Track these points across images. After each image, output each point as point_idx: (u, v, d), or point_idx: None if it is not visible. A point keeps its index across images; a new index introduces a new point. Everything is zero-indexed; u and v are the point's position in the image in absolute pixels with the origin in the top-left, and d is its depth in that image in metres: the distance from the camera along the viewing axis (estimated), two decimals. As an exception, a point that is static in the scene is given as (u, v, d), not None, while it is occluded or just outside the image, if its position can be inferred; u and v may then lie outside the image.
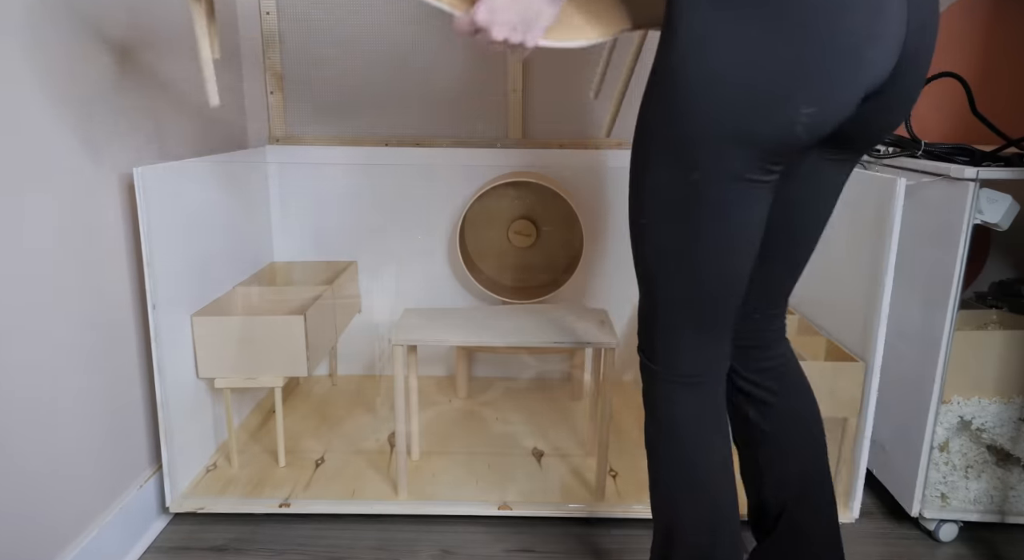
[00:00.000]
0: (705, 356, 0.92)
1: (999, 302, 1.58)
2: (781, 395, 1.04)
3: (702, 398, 0.94)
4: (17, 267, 1.02)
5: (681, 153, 0.80)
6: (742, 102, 0.75)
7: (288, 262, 1.88)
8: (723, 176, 0.80)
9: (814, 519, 1.07)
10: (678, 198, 0.83)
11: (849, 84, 0.75)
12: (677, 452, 0.94)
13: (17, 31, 1.01)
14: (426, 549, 1.33)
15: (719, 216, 0.82)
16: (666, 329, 0.91)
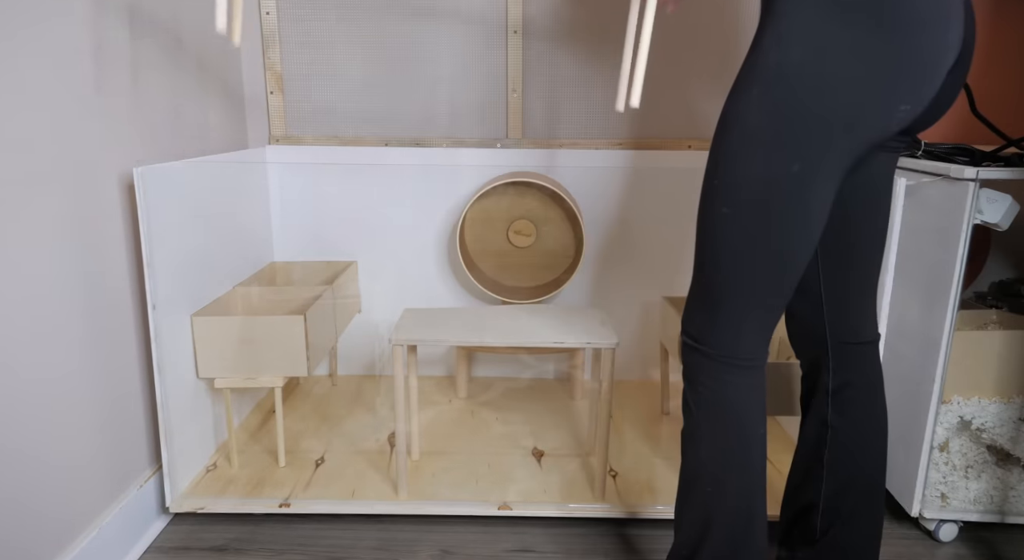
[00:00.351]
0: (761, 340, 0.95)
1: (999, 302, 1.58)
2: (864, 401, 1.06)
3: (753, 380, 0.96)
4: (17, 267, 1.02)
5: (785, 146, 0.84)
6: (850, 98, 0.81)
7: (288, 262, 1.88)
8: (822, 168, 0.85)
9: (861, 537, 1.07)
10: (772, 188, 0.87)
11: (933, 82, 0.83)
12: (730, 433, 0.96)
13: (17, 31, 1.01)
14: (426, 549, 1.33)
15: (807, 206, 0.87)
16: (730, 313, 0.94)
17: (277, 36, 1.79)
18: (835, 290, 1.04)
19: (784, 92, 0.83)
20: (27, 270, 1.04)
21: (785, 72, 0.82)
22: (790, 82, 0.82)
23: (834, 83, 0.81)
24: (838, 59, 0.80)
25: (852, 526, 1.08)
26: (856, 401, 1.06)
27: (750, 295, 0.93)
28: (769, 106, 0.84)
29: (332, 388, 1.90)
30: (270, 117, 1.84)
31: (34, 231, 1.05)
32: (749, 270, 0.91)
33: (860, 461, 1.07)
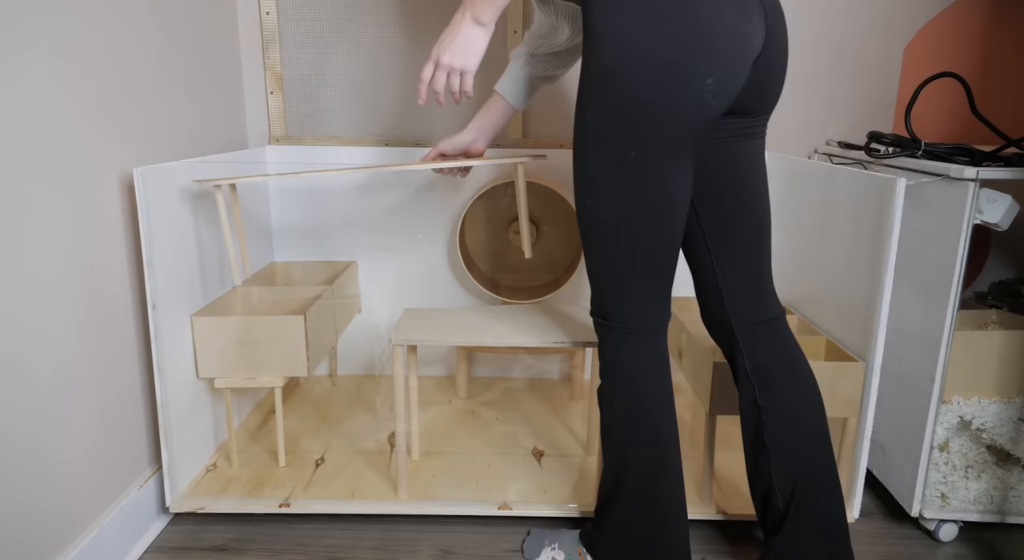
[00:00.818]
0: (650, 309, 1.07)
1: (999, 302, 1.58)
2: (785, 375, 1.14)
3: (650, 346, 1.08)
4: (17, 267, 1.02)
5: (618, 137, 0.97)
6: (661, 82, 0.92)
7: (288, 262, 1.88)
8: (655, 151, 0.97)
9: (824, 503, 1.12)
10: (621, 176, 0.99)
11: (737, 54, 0.94)
12: (630, 399, 1.08)
13: (17, 31, 1.01)
14: (426, 549, 1.33)
15: (657, 186, 0.99)
16: (617, 287, 1.06)
17: (277, 36, 1.79)
18: (729, 277, 1.12)
19: (606, 91, 0.95)
20: (27, 270, 1.04)
21: (603, 73, 0.94)
22: (609, 81, 0.94)
23: (642, 73, 0.92)
24: (639, 52, 0.92)
25: (811, 504, 1.12)
26: (777, 378, 1.13)
27: (629, 271, 1.04)
28: (598, 106, 0.96)
29: (332, 388, 1.90)
30: (270, 117, 1.84)
31: (34, 231, 1.05)
32: (620, 249, 1.03)
33: (797, 436, 1.13)
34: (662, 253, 1.04)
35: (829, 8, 1.78)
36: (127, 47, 1.29)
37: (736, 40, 0.94)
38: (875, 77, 1.82)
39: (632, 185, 0.99)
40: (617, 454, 1.12)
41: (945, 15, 1.77)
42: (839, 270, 1.43)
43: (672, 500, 1.09)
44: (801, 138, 1.86)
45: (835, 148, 1.75)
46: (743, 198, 1.10)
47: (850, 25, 1.79)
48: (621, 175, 0.99)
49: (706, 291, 1.15)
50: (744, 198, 1.10)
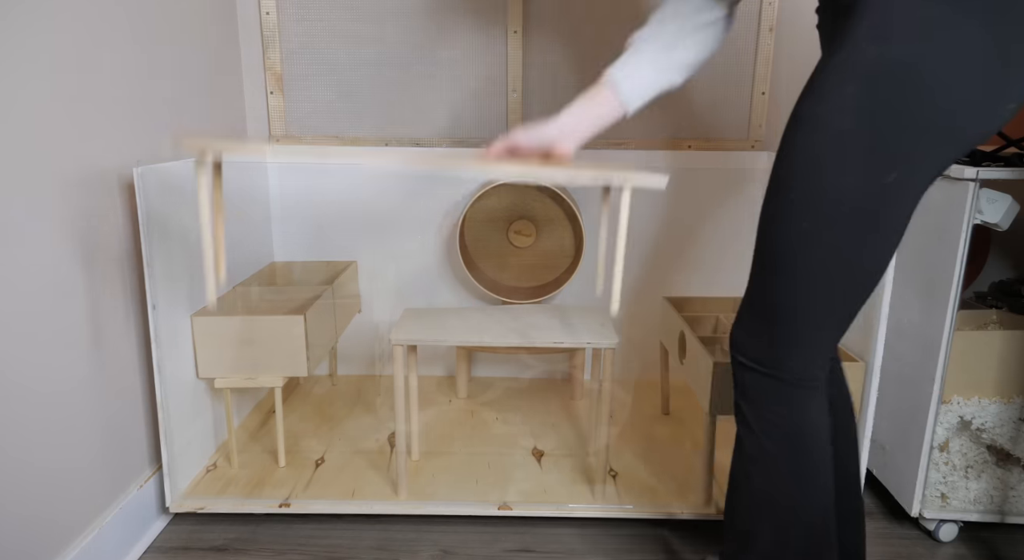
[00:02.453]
0: (827, 360, 0.90)
1: (999, 302, 1.58)
2: (832, 403, 0.98)
3: (821, 402, 0.91)
4: (17, 267, 1.02)
5: (882, 152, 0.76)
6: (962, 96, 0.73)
7: (288, 262, 1.88)
8: (919, 177, 0.78)
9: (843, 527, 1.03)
10: (865, 201, 0.78)
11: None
12: (805, 458, 0.90)
13: (17, 30, 1.01)
14: (426, 549, 1.33)
15: (898, 219, 0.80)
16: (805, 335, 0.87)
17: (277, 36, 1.79)
18: None
19: (886, 91, 0.74)
20: (27, 270, 1.04)
21: (887, 68, 0.74)
22: (893, 79, 0.74)
23: (946, 79, 0.72)
24: (949, 51, 0.72)
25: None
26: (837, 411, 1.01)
27: (828, 316, 0.85)
28: (866, 106, 0.75)
29: (332, 388, 1.90)
30: (270, 117, 1.84)
31: (34, 231, 1.05)
32: (829, 290, 0.84)
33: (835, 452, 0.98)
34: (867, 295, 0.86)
35: (829, 8, 1.78)
36: (127, 47, 1.29)
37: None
38: (875, 77, 1.82)
39: (874, 213, 0.79)
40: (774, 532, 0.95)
41: (945, 15, 1.77)
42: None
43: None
44: (801, 138, 1.86)
45: (835, 148, 1.74)
46: None
47: (850, 25, 1.79)
48: (866, 199, 0.78)
49: None
50: None
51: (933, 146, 0.76)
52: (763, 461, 0.92)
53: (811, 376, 0.89)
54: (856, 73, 0.76)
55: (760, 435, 0.92)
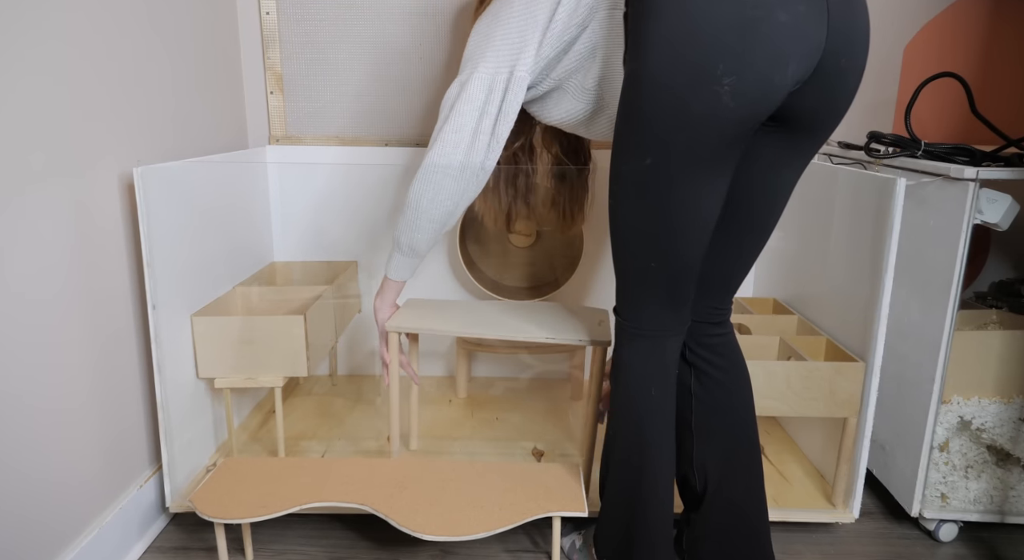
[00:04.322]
0: (665, 316, 1.06)
1: (999, 302, 1.58)
2: (721, 369, 1.15)
3: (655, 349, 1.08)
4: (17, 267, 1.02)
5: (635, 142, 0.94)
6: (677, 84, 0.87)
7: (288, 262, 1.88)
8: (673, 158, 0.92)
9: (743, 494, 1.16)
10: (639, 182, 0.96)
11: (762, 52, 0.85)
12: (623, 393, 1.10)
13: (17, 30, 1.01)
14: (426, 549, 1.32)
15: (671, 196, 0.95)
16: (633, 292, 1.06)
17: (277, 36, 1.79)
18: (709, 268, 1.10)
19: (628, 93, 0.93)
20: (27, 270, 1.04)
21: (628, 77, 0.93)
22: (630, 84, 0.93)
23: (659, 76, 0.88)
24: (659, 54, 0.88)
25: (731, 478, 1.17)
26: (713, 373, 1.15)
27: (640, 278, 1.04)
28: (622, 110, 0.95)
29: (332, 388, 1.90)
30: (270, 117, 1.84)
31: (34, 231, 1.05)
32: (633, 256, 1.03)
33: (724, 419, 1.16)
34: (674, 265, 1.01)
35: (829, 8, 1.78)
36: (127, 47, 1.29)
37: (761, 32, 0.84)
38: (875, 77, 1.82)
39: (647, 192, 0.96)
40: (607, 443, 1.16)
41: (945, 15, 1.77)
42: (839, 270, 1.43)
43: (652, 497, 1.11)
44: (801, 138, 1.86)
45: (835, 148, 1.75)
46: (755, 213, 1.06)
47: (850, 25, 1.79)
48: (637, 180, 0.96)
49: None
50: (756, 214, 1.07)
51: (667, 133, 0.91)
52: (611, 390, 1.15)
53: (646, 325, 1.07)
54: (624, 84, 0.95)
55: (612, 369, 1.14)
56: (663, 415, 1.10)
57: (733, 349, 1.17)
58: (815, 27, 0.86)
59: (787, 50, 0.85)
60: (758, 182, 1.03)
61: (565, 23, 1.07)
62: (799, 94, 0.91)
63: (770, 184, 1.04)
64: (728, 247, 1.10)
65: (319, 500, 1.21)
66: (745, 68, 0.85)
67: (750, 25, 0.83)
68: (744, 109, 0.87)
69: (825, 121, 0.97)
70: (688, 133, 0.90)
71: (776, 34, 0.84)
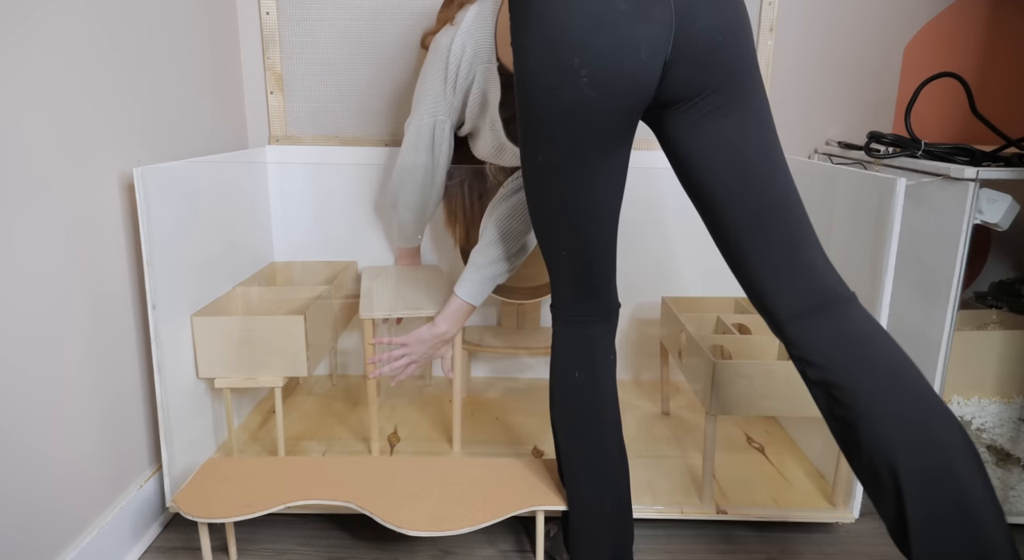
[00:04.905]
0: (584, 301, 1.12)
1: (999, 302, 1.58)
2: (857, 374, 0.90)
3: (580, 334, 1.13)
4: (17, 267, 1.02)
5: (527, 142, 1.01)
6: (540, 85, 0.93)
7: (288, 262, 1.88)
8: (558, 154, 0.97)
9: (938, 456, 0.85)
10: (536, 177, 1.03)
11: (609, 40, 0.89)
12: (553, 376, 1.16)
13: (17, 31, 1.01)
14: (426, 549, 1.33)
15: (567, 187, 1.00)
16: (555, 279, 1.13)
17: (277, 36, 1.79)
18: (754, 268, 0.97)
19: (518, 99, 0.99)
20: (27, 270, 1.04)
21: (516, 83, 0.98)
22: (515, 90, 0.99)
23: (527, 80, 0.94)
24: (523, 59, 0.94)
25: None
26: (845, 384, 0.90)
27: (555, 264, 1.10)
28: (518, 113, 1.01)
29: (332, 388, 1.90)
30: (270, 117, 1.84)
31: (34, 231, 1.05)
32: (545, 245, 1.10)
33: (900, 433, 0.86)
34: (581, 252, 1.06)
35: (829, 8, 1.78)
36: (127, 47, 1.29)
37: (604, 22, 0.88)
38: (875, 77, 1.82)
39: (545, 187, 1.03)
40: (553, 432, 1.21)
41: (945, 15, 1.77)
42: (839, 270, 1.42)
43: (584, 477, 1.15)
44: (801, 138, 1.86)
45: (835, 148, 1.75)
46: (734, 183, 0.96)
47: (850, 25, 1.79)
48: (537, 176, 1.03)
49: (746, 289, 1.00)
50: (735, 183, 0.96)
51: (547, 131, 0.96)
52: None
53: (571, 313, 1.13)
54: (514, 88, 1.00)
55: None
56: (588, 398, 1.13)
57: (857, 341, 0.91)
58: (660, 7, 0.88)
59: (633, 36, 0.88)
60: (715, 155, 0.96)
61: (456, 79, 1.35)
62: (671, 68, 0.92)
63: (726, 153, 0.96)
64: (747, 228, 0.96)
65: (304, 498, 1.21)
66: (596, 58, 0.89)
67: (593, 18, 0.88)
68: (608, 97, 0.91)
69: (717, 81, 0.93)
70: (566, 128, 0.95)
71: (618, 22, 0.88)
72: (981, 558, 0.81)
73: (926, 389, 0.87)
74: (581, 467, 1.16)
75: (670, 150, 1.03)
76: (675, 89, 0.94)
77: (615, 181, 1.02)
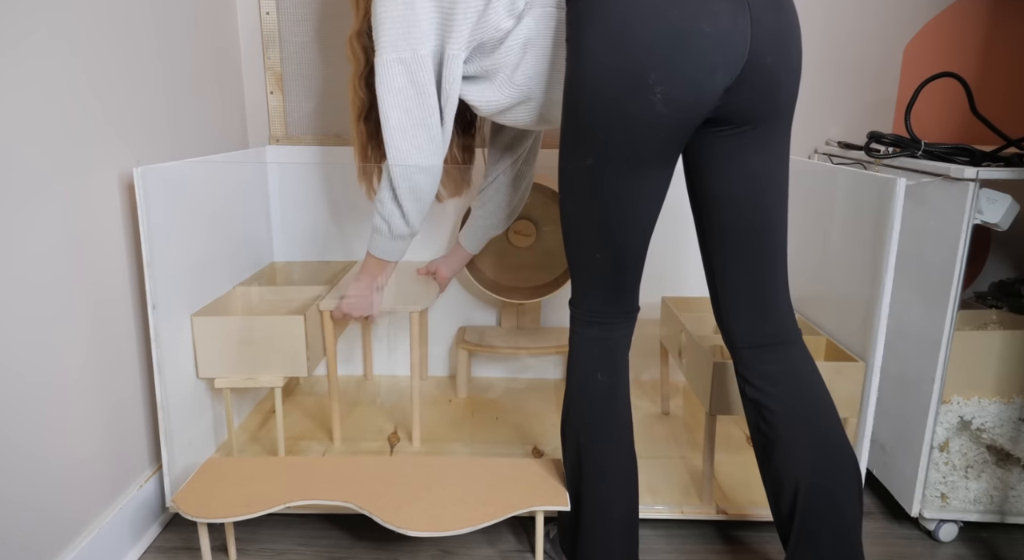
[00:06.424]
0: (610, 304, 1.11)
1: (999, 302, 1.58)
2: (779, 400, 1.08)
3: (602, 335, 1.12)
4: (17, 267, 1.02)
5: (577, 143, 0.99)
6: (611, 92, 0.92)
7: (288, 262, 1.88)
8: (612, 161, 0.97)
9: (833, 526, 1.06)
10: (580, 180, 1.01)
11: (692, 58, 0.90)
12: (572, 377, 1.15)
13: (17, 31, 1.01)
14: (426, 549, 1.33)
15: (613, 195, 1.00)
16: (581, 280, 1.11)
17: (277, 36, 1.79)
18: (725, 293, 1.10)
19: (569, 97, 0.98)
20: (27, 270, 1.04)
21: (569, 81, 0.97)
22: (572, 89, 0.97)
23: (595, 83, 0.93)
24: (593, 62, 0.92)
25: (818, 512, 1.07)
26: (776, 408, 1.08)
27: (586, 268, 1.09)
28: (565, 111, 1.00)
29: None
30: (270, 117, 1.84)
31: (34, 231, 1.05)
32: (579, 247, 1.08)
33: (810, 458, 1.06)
34: (615, 257, 1.06)
35: (829, 8, 1.78)
36: (127, 47, 1.29)
37: (689, 43, 0.89)
38: (875, 77, 1.82)
39: (589, 190, 1.01)
40: (562, 426, 1.21)
41: (945, 15, 1.77)
42: (839, 270, 1.43)
43: (598, 480, 1.14)
44: (801, 138, 1.86)
45: (835, 148, 1.75)
46: (742, 211, 1.03)
47: (850, 25, 1.79)
48: (580, 179, 1.01)
49: (713, 302, 1.13)
50: (744, 211, 1.03)
51: (605, 137, 0.96)
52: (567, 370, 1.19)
53: (594, 316, 1.12)
54: (565, 84, 0.99)
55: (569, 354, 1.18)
56: (609, 400, 1.13)
57: (795, 376, 1.08)
58: (739, 36, 0.91)
59: (713, 60, 0.90)
60: (734, 182, 1.03)
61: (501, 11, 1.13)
62: (732, 94, 0.94)
63: (745, 182, 1.02)
64: (736, 257, 1.06)
65: (304, 498, 1.21)
66: (676, 77, 0.90)
67: (678, 37, 0.89)
68: (677, 114, 0.93)
69: (766, 114, 0.99)
70: (626, 137, 0.95)
71: (703, 45, 0.89)
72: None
73: (838, 426, 1.07)
74: (600, 468, 1.14)
75: (693, 163, 1.05)
76: (727, 113, 0.97)
77: (661, 190, 1.03)
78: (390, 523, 1.15)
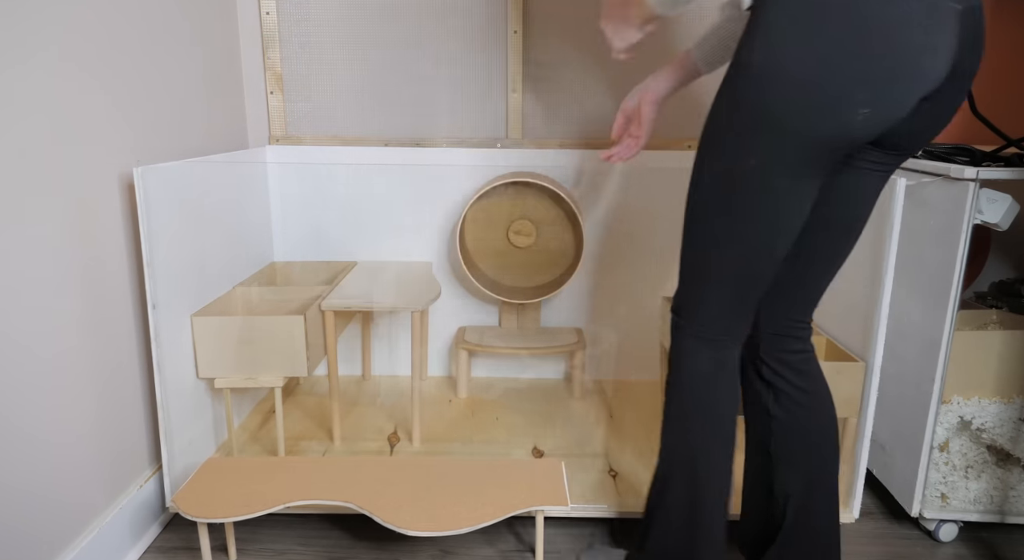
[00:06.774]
0: (730, 320, 1.02)
1: (999, 302, 1.58)
2: (802, 389, 1.09)
3: (719, 355, 1.03)
4: (17, 267, 1.02)
5: (744, 140, 0.89)
6: (806, 98, 0.83)
7: (288, 262, 1.88)
8: (777, 165, 0.88)
9: (825, 525, 1.10)
10: (734, 182, 0.91)
11: (905, 90, 0.83)
12: (685, 401, 1.05)
13: (17, 31, 1.01)
14: (426, 549, 1.33)
15: (767, 202, 0.91)
16: (702, 291, 1.01)
17: (277, 36, 1.79)
18: (782, 286, 1.07)
19: (745, 89, 0.87)
20: (27, 270, 1.04)
21: (748, 70, 0.86)
22: (751, 80, 0.86)
23: (788, 84, 0.83)
24: (792, 60, 0.82)
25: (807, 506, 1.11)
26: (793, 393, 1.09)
27: (717, 275, 0.99)
28: (733, 102, 0.89)
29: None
30: (270, 117, 1.84)
31: (34, 231, 1.05)
32: (712, 256, 0.98)
33: (806, 451, 1.10)
34: (752, 270, 0.97)
35: (829, 8, 1.78)
36: (127, 47, 1.29)
37: (908, 76, 0.82)
38: (875, 77, 1.82)
39: (740, 195, 0.92)
40: (663, 445, 1.11)
41: (945, 15, 1.77)
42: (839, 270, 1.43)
43: (708, 496, 1.06)
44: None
45: (835, 148, 1.74)
46: (845, 221, 1.02)
47: (850, 25, 1.79)
48: (732, 182, 0.92)
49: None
50: (846, 221, 1.02)
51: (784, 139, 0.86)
52: (667, 394, 1.10)
53: (713, 333, 1.03)
54: (733, 74, 0.89)
55: (670, 372, 1.08)
56: (719, 419, 1.05)
57: (815, 369, 1.11)
58: (945, 63, 0.84)
59: (920, 89, 0.84)
60: (852, 190, 1.00)
61: None
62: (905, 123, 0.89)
63: (859, 192, 1.00)
64: (816, 254, 1.04)
65: (303, 498, 1.21)
66: (883, 103, 0.83)
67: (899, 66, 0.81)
68: (869, 134, 0.86)
69: (917, 148, 0.97)
70: (805, 146, 0.87)
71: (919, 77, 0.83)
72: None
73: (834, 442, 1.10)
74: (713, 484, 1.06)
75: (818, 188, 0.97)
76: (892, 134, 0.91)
77: (812, 201, 0.95)
78: (390, 523, 1.15)
